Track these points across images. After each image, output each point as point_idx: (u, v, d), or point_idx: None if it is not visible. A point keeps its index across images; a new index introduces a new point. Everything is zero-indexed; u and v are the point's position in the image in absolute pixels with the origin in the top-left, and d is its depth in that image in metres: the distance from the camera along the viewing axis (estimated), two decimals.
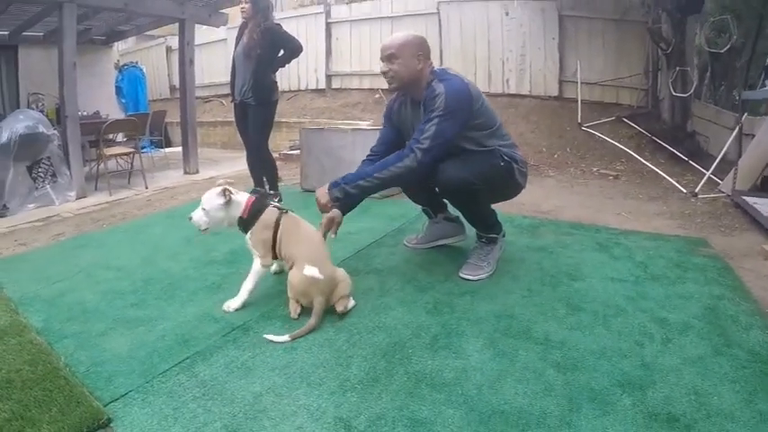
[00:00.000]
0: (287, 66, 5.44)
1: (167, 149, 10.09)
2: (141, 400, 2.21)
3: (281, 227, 2.94)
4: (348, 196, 3.08)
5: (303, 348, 2.51)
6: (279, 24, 5.24)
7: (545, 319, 2.69)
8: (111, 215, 5.68)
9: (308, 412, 2.00)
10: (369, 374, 2.23)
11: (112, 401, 2.21)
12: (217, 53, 12.12)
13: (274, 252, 2.98)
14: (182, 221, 4.89)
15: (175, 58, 12.91)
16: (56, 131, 6.57)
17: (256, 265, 2.97)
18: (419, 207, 3.92)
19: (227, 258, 3.77)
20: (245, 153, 5.35)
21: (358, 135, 5.60)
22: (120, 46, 13.46)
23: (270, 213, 2.97)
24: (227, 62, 11.61)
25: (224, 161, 9.20)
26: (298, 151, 6.88)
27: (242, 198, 2.97)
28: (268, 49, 5.08)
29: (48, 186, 6.42)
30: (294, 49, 5.29)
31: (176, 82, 13.11)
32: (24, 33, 9.42)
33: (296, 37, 5.41)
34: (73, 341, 2.75)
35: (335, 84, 10.56)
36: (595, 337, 2.53)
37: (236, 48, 5.31)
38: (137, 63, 12.33)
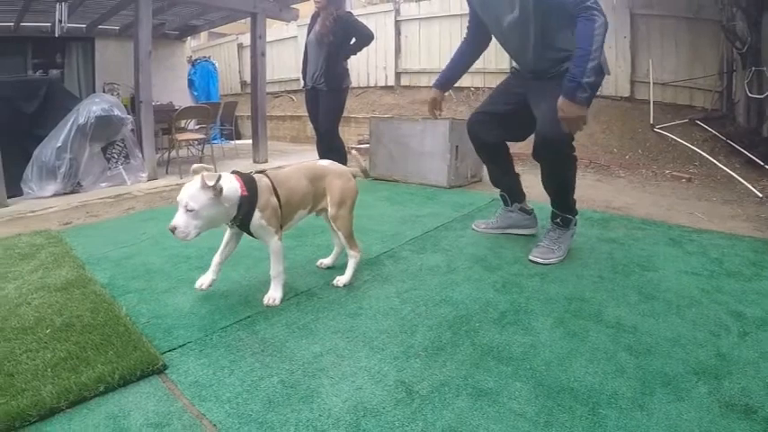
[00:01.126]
0: (357, 62, 5.56)
1: (237, 142, 10.32)
2: (198, 351, 2.26)
3: (277, 187, 2.64)
4: (592, 88, 2.76)
5: (367, 315, 2.52)
6: (350, 13, 5.36)
7: (617, 304, 2.61)
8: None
9: (368, 374, 2.01)
10: (434, 343, 2.21)
11: (169, 350, 2.27)
12: (287, 50, 12.33)
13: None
14: None
15: (246, 54, 13.28)
16: (130, 116, 6.80)
17: (274, 244, 2.65)
18: (497, 192, 3.85)
19: (293, 233, 3.80)
20: (312, 147, 5.36)
21: (428, 124, 5.58)
22: (192, 42, 13.92)
23: (260, 179, 2.62)
24: (297, 59, 12.00)
25: (292, 153, 9.32)
26: (366, 145, 6.91)
27: (226, 176, 2.49)
28: (340, 36, 5.19)
29: (120, 167, 6.67)
30: (365, 37, 5.37)
31: (247, 78, 13.47)
32: (100, 27, 9.87)
33: None
34: (136, 296, 2.86)
35: (404, 81, 10.53)
36: (669, 324, 2.43)
37: (308, 35, 5.43)
38: (209, 58, 12.70)
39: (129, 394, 2.00)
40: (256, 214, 2.54)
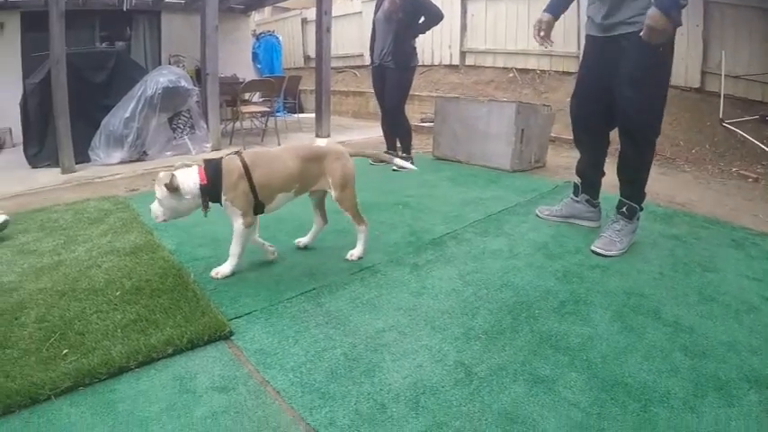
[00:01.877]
0: (422, 39, 5.53)
1: (300, 115, 10.39)
2: (264, 320, 2.33)
3: (251, 168, 2.65)
4: (680, 11, 2.72)
5: (430, 295, 2.54)
6: None
7: (676, 303, 2.56)
8: None
9: (429, 353, 2.04)
10: (494, 327, 2.24)
11: (236, 318, 2.34)
12: (351, 26, 12.28)
13: (258, 203, 2.70)
14: None
15: (310, 29, 13.39)
16: (196, 87, 6.92)
17: (238, 226, 2.68)
18: (560, 178, 3.87)
19: None
20: (374, 123, 5.35)
21: (494, 106, 5.49)
22: (256, 16, 14.04)
23: (230, 162, 2.65)
24: (361, 35, 12.02)
25: (354, 129, 9.32)
26: (429, 124, 6.86)
27: (188, 171, 2.60)
28: (409, 14, 5.15)
29: (186, 137, 6.82)
30: (435, 16, 5.30)
31: (311, 52, 13.59)
32: (167, 1, 10.10)
33: None
34: (203, 263, 2.94)
35: (469, 60, 10.33)
36: (726, 328, 2.35)
37: (375, 12, 5.43)
38: (273, 32, 12.79)
39: (196, 357, 2.07)
40: (223, 197, 2.61)
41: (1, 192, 5.35)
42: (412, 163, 5.07)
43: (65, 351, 2.06)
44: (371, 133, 8.33)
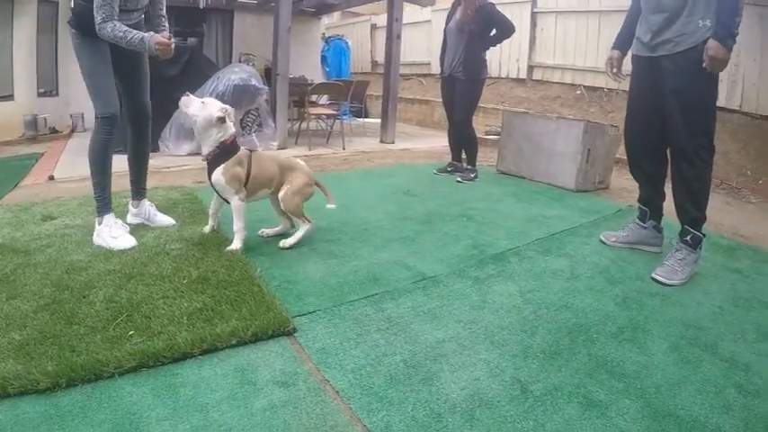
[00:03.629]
0: (489, 51, 5.46)
1: (365, 120, 10.46)
2: (327, 320, 2.36)
3: (252, 164, 3.11)
4: (735, 39, 2.88)
5: (490, 309, 2.53)
6: (492, 3, 5.25)
7: (733, 339, 2.47)
8: (311, 166, 5.83)
9: (487, 367, 2.05)
10: (551, 347, 2.23)
11: (299, 315, 2.38)
12: (420, 34, 12.32)
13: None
14: (378, 180, 5.23)
15: (379, 35, 13.53)
16: (265, 86, 7.06)
17: (236, 202, 3.06)
18: (624, 201, 3.84)
19: (422, 218, 3.89)
20: (438, 132, 5.33)
21: (562, 124, 5.43)
22: (325, 20, 14.22)
23: (243, 152, 3.12)
24: (429, 43, 12.06)
25: (419, 137, 9.33)
26: (493, 136, 6.81)
27: (232, 127, 3.10)
28: (481, 26, 5.15)
29: (253, 134, 6.97)
30: (507, 29, 5.27)
31: (378, 58, 13.70)
32: (240, 1, 10.37)
33: None
34: (268, 259, 3.00)
35: (536, 75, 10.21)
36: None
37: (447, 23, 5.45)
38: (342, 36, 12.95)
39: (259, 351, 2.11)
40: (218, 171, 3.00)
41: (74, 174, 5.59)
42: (476, 176, 5.18)
43: (131, 332, 2.13)
44: (435, 143, 8.35)
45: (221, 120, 2.98)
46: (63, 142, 8.32)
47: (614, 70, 3.46)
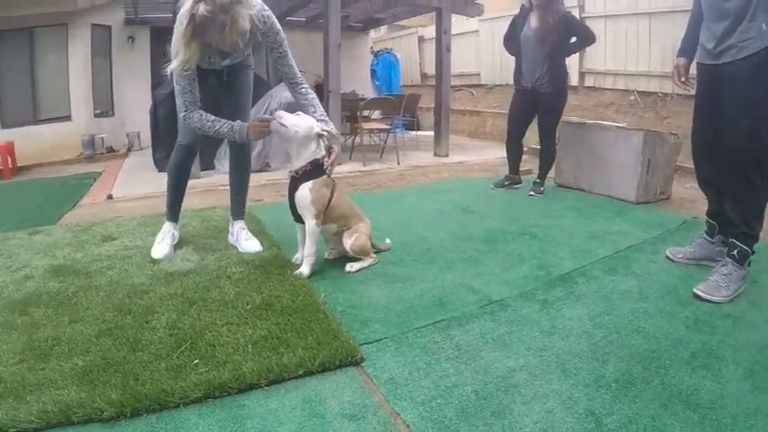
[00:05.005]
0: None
1: (415, 132, 10.42)
2: (395, 348, 2.29)
3: (335, 191, 3.05)
4: None
5: (560, 335, 2.44)
6: (570, 11, 5.15)
7: None
8: (365, 182, 6.15)
9: (559, 398, 1.97)
10: (624, 376, 2.13)
11: (366, 343, 2.31)
12: (468, 44, 12.24)
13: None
14: (435, 196, 5.16)
15: (427, 47, 13.52)
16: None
17: (312, 225, 2.96)
18: (687, 213, 3.76)
19: (484, 236, 3.80)
20: (490, 144, 5.21)
21: (620, 134, 5.23)
22: (372, 34, 14.29)
23: (328, 178, 3.03)
24: (477, 53, 11.97)
25: (472, 149, 9.21)
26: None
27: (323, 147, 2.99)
28: (563, 34, 5.03)
29: None
30: (588, 37, 5.18)
31: (427, 70, 13.72)
32: (288, 18, 10.41)
33: None
34: (331, 283, 2.95)
35: (588, 82, 9.98)
36: None
37: (516, 29, 5.29)
38: (391, 50, 12.97)
39: (326, 381, 2.05)
40: (304, 188, 2.93)
41: (131, 192, 5.68)
42: (543, 191, 5.15)
43: (195, 361, 2.09)
44: (488, 154, 8.26)
45: (319, 134, 2.93)
46: (120, 161, 8.54)
47: (682, 78, 3.38)
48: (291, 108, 6.33)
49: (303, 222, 3.01)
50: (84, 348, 2.21)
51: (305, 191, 2.92)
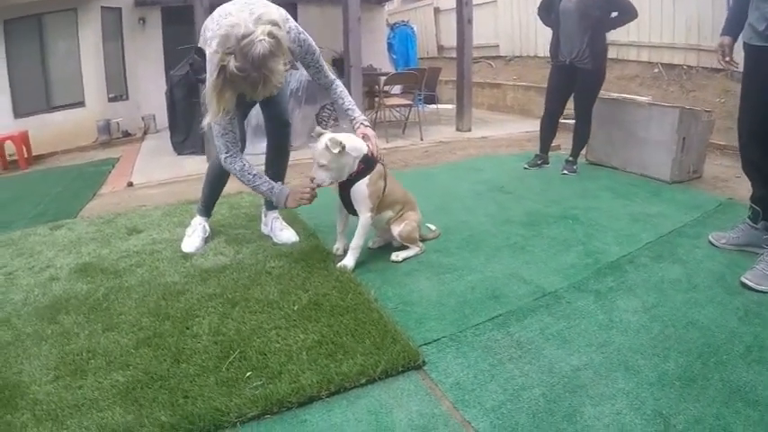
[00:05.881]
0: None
1: (436, 106, 10.20)
2: (455, 349, 2.18)
3: (388, 180, 2.95)
4: None
5: (618, 330, 2.35)
6: None
7: None
8: (391, 160, 5.84)
9: (627, 398, 1.91)
10: (686, 372, 2.06)
11: (425, 344, 2.20)
12: (485, 15, 11.91)
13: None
14: (467, 175, 5.03)
15: (443, 18, 13.26)
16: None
17: (366, 218, 2.84)
18: (720, 193, 3.65)
19: (525, 220, 3.69)
20: (511, 117, 5.00)
21: (654, 111, 5.05)
22: (387, 6, 13.99)
23: (380, 167, 2.91)
24: (496, 24, 11.67)
25: (494, 122, 9.02)
26: (571, 121, 6.45)
27: (350, 136, 2.83)
28: (605, 9, 4.81)
29: (329, 129, 6.70)
30: (630, 12, 4.93)
31: (444, 42, 13.45)
32: None
33: None
34: (378, 276, 2.82)
35: (611, 53, 9.52)
36: None
37: (556, 3, 5.02)
38: (408, 22, 12.67)
39: (390, 389, 1.93)
40: (361, 183, 2.80)
41: (152, 178, 5.56)
42: (576, 169, 5.06)
43: (248, 373, 1.96)
44: (511, 128, 8.10)
45: (341, 152, 2.69)
46: (137, 145, 8.47)
47: (726, 58, 3.25)
48: (312, 86, 6.27)
49: (357, 215, 2.88)
50: (123, 361, 2.08)
51: (362, 186, 2.81)
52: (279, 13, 2.64)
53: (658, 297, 2.64)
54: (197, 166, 6.09)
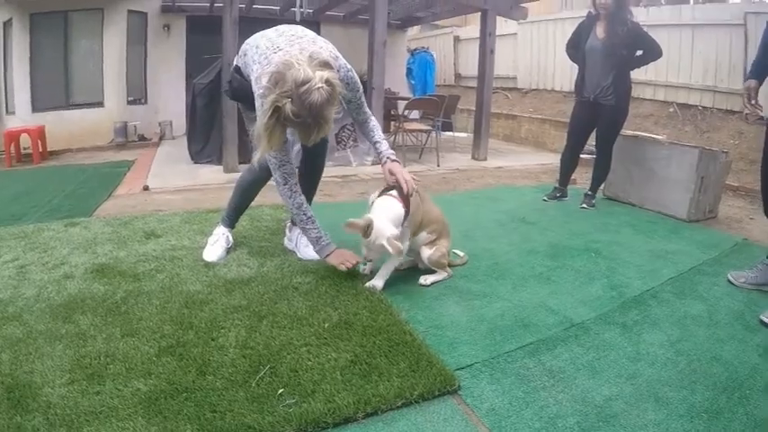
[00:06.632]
0: (574, 68, 5.20)
1: (450, 134, 10.23)
2: (489, 375, 2.14)
3: (424, 201, 3.00)
4: None
5: (646, 362, 2.35)
6: (638, 23, 4.92)
7: None
8: None
9: (658, 430, 1.89)
10: (713, 406, 2.07)
11: (458, 369, 2.15)
12: (505, 47, 11.96)
13: None
14: (488, 204, 5.02)
15: (462, 47, 13.37)
16: None
17: (405, 247, 2.80)
18: (737, 234, 3.68)
19: (549, 252, 3.66)
20: (527, 149, 4.96)
21: (674, 150, 5.05)
22: (408, 32, 14.07)
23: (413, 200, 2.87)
24: (515, 56, 11.72)
25: (509, 153, 9.06)
26: (587, 155, 6.45)
27: (391, 207, 2.75)
28: (631, 47, 4.82)
29: (348, 149, 6.89)
30: (655, 52, 4.90)
31: (462, 71, 13.56)
32: (327, 13, 10.38)
33: None
34: (406, 299, 2.76)
35: None
36: None
37: (581, 37, 5.06)
38: (428, 48, 12.72)
39: (425, 413, 1.88)
40: (404, 223, 2.78)
41: (168, 184, 5.50)
42: (594, 204, 5.08)
43: (280, 390, 1.89)
44: (527, 160, 8.13)
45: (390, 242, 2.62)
46: (152, 150, 8.46)
47: (752, 101, 3.25)
48: None
49: None
50: (145, 369, 2.00)
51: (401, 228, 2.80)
52: (328, 50, 2.65)
53: (682, 332, 2.65)
54: (213, 175, 6.10)
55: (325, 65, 2.41)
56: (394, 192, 2.79)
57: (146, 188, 5.46)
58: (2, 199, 5.24)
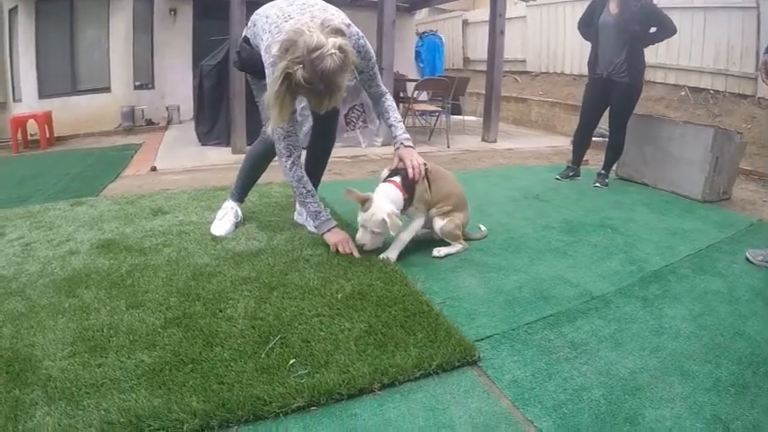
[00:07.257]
0: (582, 49, 5.01)
1: (459, 117, 10.12)
2: (509, 346, 2.07)
3: (439, 179, 2.94)
4: None
5: (669, 335, 2.30)
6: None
7: None
8: None
9: (685, 403, 1.85)
10: (738, 380, 2.01)
11: (478, 340, 2.07)
12: (514, 30, 11.81)
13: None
14: (501, 182, 4.96)
15: (471, 31, 13.20)
16: None
17: (418, 223, 2.84)
18: (752, 215, 3.59)
19: (564, 227, 3.60)
20: (536, 132, 4.87)
21: (689, 129, 4.96)
22: (416, 15, 13.94)
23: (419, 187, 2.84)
24: (524, 39, 11.56)
25: (518, 136, 8.97)
26: (599, 138, 6.35)
27: (389, 192, 2.70)
28: (644, 23, 4.73)
29: (357, 130, 6.79)
30: (669, 29, 4.83)
31: (470, 54, 13.39)
32: None
33: None
34: (421, 270, 2.69)
35: None
36: None
37: (594, 15, 4.98)
38: (436, 32, 12.61)
39: (444, 384, 1.81)
40: (413, 207, 2.80)
41: (176, 165, 5.43)
42: (608, 183, 5.01)
43: (291, 360, 1.80)
44: (537, 143, 8.06)
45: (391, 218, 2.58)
46: (160, 134, 8.41)
47: None
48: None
49: None
50: (150, 341, 1.91)
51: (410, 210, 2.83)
52: (340, 17, 2.56)
53: (703, 307, 2.60)
54: (221, 156, 6.02)
55: (338, 32, 2.33)
56: (397, 178, 2.73)
57: (153, 169, 5.40)
58: (8, 183, 5.22)
